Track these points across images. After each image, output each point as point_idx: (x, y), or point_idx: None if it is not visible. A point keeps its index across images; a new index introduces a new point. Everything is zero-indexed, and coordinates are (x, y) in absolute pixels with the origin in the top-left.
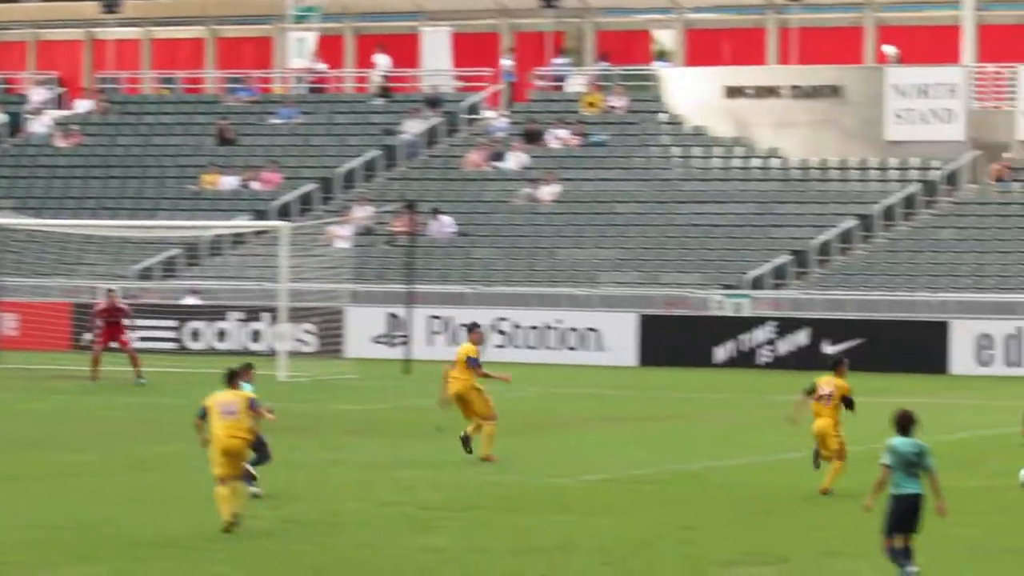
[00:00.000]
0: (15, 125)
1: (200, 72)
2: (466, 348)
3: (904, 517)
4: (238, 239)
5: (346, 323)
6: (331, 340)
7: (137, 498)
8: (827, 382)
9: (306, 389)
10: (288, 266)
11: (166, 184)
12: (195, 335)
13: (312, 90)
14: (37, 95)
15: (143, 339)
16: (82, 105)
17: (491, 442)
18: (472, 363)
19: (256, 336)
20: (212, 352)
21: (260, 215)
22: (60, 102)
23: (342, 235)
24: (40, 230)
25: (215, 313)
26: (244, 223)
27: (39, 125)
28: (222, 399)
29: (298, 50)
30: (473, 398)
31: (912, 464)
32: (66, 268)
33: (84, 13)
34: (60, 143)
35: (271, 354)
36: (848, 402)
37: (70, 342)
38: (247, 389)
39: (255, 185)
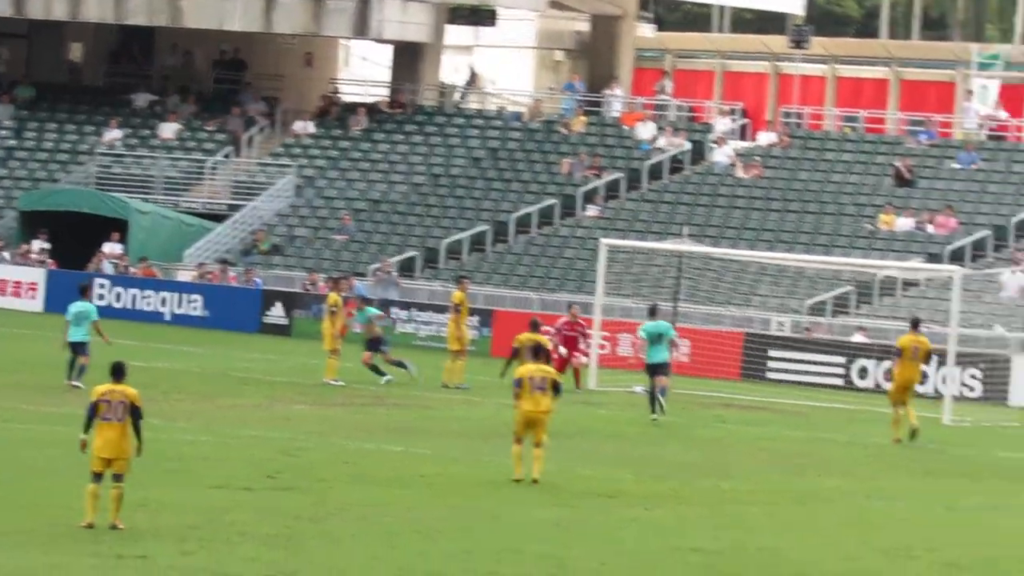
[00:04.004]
0: (697, 153)
1: (882, 112)
2: None
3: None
4: (909, 281)
5: (1012, 371)
6: (996, 387)
7: (795, 530)
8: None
9: (968, 434)
10: (958, 311)
11: (842, 221)
12: (862, 373)
13: (992, 138)
14: (721, 125)
15: (810, 373)
16: (764, 137)
17: None
18: None
19: (922, 378)
20: (878, 391)
21: (933, 258)
22: (743, 133)
23: (1013, 284)
24: (717, 259)
25: (883, 353)
26: (916, 265)
27: (721, 155)
28: None
29: (980, 97)
30: None
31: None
32: (740, 298)
33: (772, 47)
34: (741, 174)
35: (936, 397)
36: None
37: (740, 371)
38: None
39: (929, 228)
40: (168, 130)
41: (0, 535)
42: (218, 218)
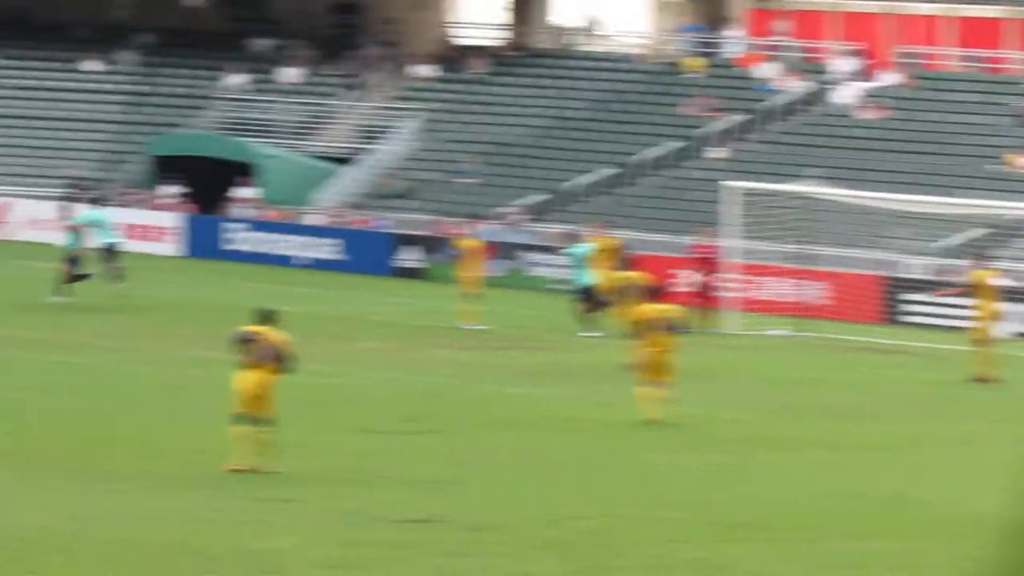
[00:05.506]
0: (818, 95)
1: (1004, 52)
2: None
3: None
4: None
5: None
6: None
7: (923, 475)
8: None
9: None
10: None
11: (965, 162)
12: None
13: None
14: (841, 65)
15: (947, 316)
16: (887, 78)
17: None
18: None
19: None
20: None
21: None
22: (863, 74)
23: None
24: (848, 202)
25: (1017, 296)
26: None
27: (842, 96)
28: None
29: None
30: None
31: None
32: (876, 240)
33: None
34: (864, 115)
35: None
36: None
37: (880, 314)
38: None
39: None
40: (290, 75)
41: (140, 477)
42: (341, 162)
